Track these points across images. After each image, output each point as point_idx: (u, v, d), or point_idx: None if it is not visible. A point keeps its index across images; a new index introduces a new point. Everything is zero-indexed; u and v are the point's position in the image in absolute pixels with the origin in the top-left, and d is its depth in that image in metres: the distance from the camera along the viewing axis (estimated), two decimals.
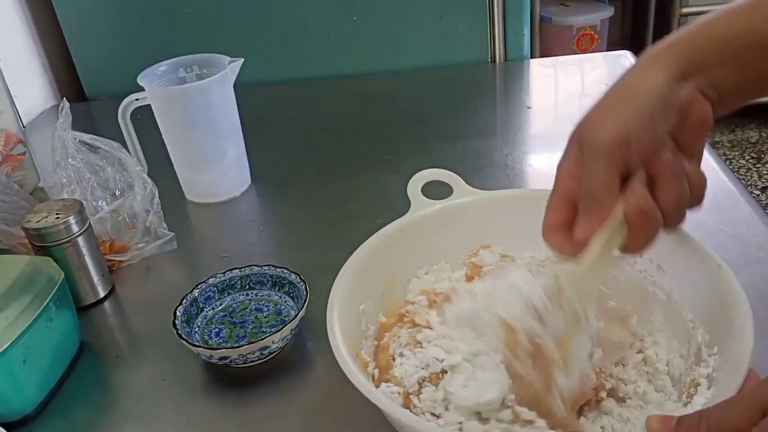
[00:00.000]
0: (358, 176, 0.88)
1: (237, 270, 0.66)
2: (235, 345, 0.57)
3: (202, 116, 0.80)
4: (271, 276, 0.65)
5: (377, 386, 0.48)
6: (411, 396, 0.47)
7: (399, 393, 0.47)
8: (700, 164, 0.45)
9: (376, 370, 0.50)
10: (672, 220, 0.44)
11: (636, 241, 0.44)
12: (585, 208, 0.44)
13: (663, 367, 0.50)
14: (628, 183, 0.43)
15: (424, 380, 0.47)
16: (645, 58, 0.44)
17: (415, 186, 0.60)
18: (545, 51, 2.39)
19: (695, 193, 0.45)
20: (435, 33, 1.17)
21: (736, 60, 0.43)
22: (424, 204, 0.59)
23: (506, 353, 0.44)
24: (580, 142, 0.44)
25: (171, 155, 0.85)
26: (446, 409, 0.46)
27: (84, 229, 0.67)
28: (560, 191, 0.46)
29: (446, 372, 0.46)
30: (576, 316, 0.45)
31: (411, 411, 0.46)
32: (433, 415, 0.46)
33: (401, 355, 0.50)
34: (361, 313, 0.53)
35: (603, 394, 0.48)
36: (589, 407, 0.48)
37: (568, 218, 0.46)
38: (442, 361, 0.46)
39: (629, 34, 2.87)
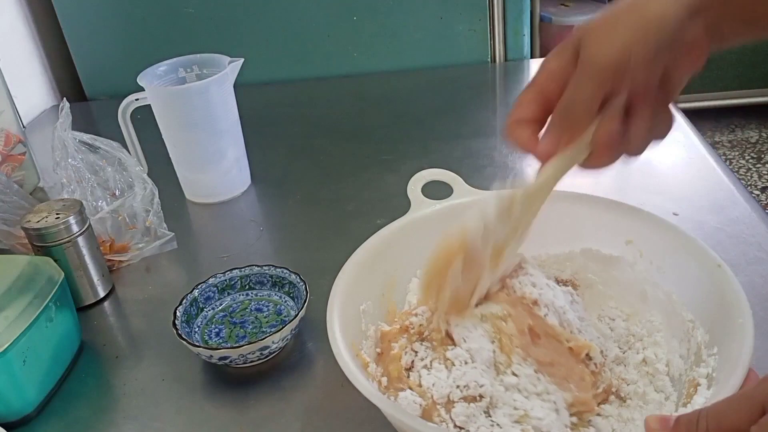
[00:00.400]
0: (358, 176, 0.88)
1: (237, 270, 0.66)
2: (235, 345, 0.57)
3: (202, 116, 0.80)
4: (271, 276, 0.65)
5: (387, 393, 0.48)
6: (438, 406, 0.47)
7: (420, 405, 0.47)
8: (674, 98, 0.45)
9: (384, 378, 0.50)
10: (634, 149, 0.44)
11: (595, 163, 0.45)
12: (559, 119, 0.44)
13: (663, 368, 0.50)
14: (607, 105, 0.43)
15: (459, 399, 0.47)
16: None
17: (415, 186, 0.60)
18: (545, 51, 2.37)
19: (661, 130, 0.45)
20: (435, 33, 1.17)
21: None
22: (424, 204, 0.59)
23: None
24: (577, 49, 0.43)
25: (171, 155, 0.85)
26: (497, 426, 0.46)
27: (84, 229, 0.67)
28: (538, 88, 0.45)
29: (483, 397, 0.46)
30: (517, 228, 0.47)
31: (433, 421, 0.46)
32: (458, 427, 0.46)
33: (426, 367, 0.49)
34: (361, 313, 0.53)
35: (612, 397, 0.49)
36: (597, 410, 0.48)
37: (537, 117, 0.46)
38: (482, 386, 0.46)
39: None
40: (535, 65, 1.19)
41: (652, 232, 0.54)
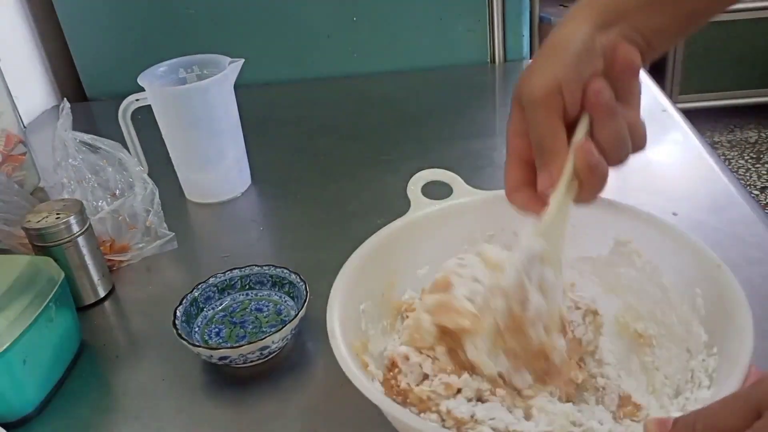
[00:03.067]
0: (358, 176, 0.89)
1: (237, 270, 0.66)
2: (235, 345, 0.57)
3: (202, 116, 0.80)
4: (271, 276, 0.66)
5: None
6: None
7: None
8: (638, 111, 0.47)
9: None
10: (613, 159, 0.46)
11: (587, 192, 0.47)
12: (540, 159, 0.47)
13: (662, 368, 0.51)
14: (575, 132, 0.46)
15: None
16: (566, 15, 0.46)
17: (415, 186, 0.60)
18: None
19: (636, 139, 0.47)
20: (435, 33, 1.17)
21: (654, 4, 0.46)
22: (424, 204, 0.59)
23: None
24: (519, 101, 0.47)
25: (171, 155, 0.85)
26: None
27: (84, 229, 0.67)
28: (513, 153, 0.49)
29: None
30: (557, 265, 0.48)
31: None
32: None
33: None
34: (361, 313, 0.53)
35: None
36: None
37: (527, 177, 0.49)
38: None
39: None
40: None
41: (651, 232, 0.54)
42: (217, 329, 0.63)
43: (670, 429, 0.36)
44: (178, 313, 0.61)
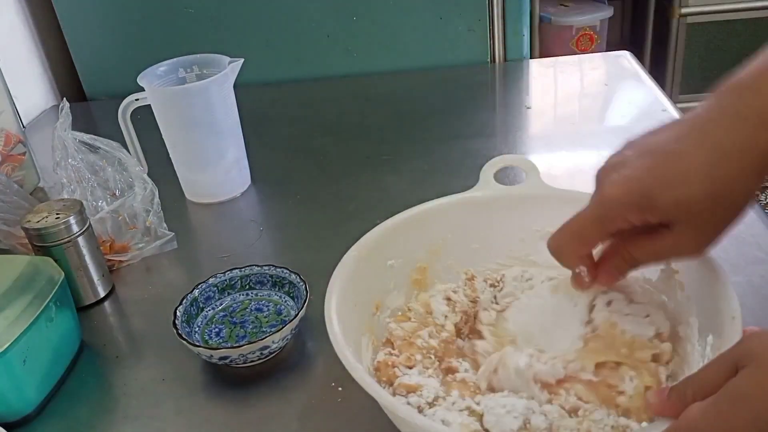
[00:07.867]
0: (358, 176, 0.88)
1: (237, 270, 0.66)
2: (235, 345, 0.57)
3: (202, 116, 0.80)
4: (271, 276, 0.65)
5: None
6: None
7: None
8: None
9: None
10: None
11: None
12: None
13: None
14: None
15: None
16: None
17: (490, 168, 0.61)
18: (544, 51, 2.39)
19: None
20: (435, 33, 1.17)
21: None
22: (491, 185, 0.60)
23: None
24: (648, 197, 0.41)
25: (171, 155, 0.85)
26: None
27: (84, 229, 0.67)
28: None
29: None
30: None
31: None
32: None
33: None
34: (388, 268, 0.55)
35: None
36: None
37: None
38: None
39: (628, 34, 2.87)
40: (534, 65, 1.20)
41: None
42: (217, 329, 0.63)
43: (666, 397, 0.39)
44: (178, 313, 0.61)
